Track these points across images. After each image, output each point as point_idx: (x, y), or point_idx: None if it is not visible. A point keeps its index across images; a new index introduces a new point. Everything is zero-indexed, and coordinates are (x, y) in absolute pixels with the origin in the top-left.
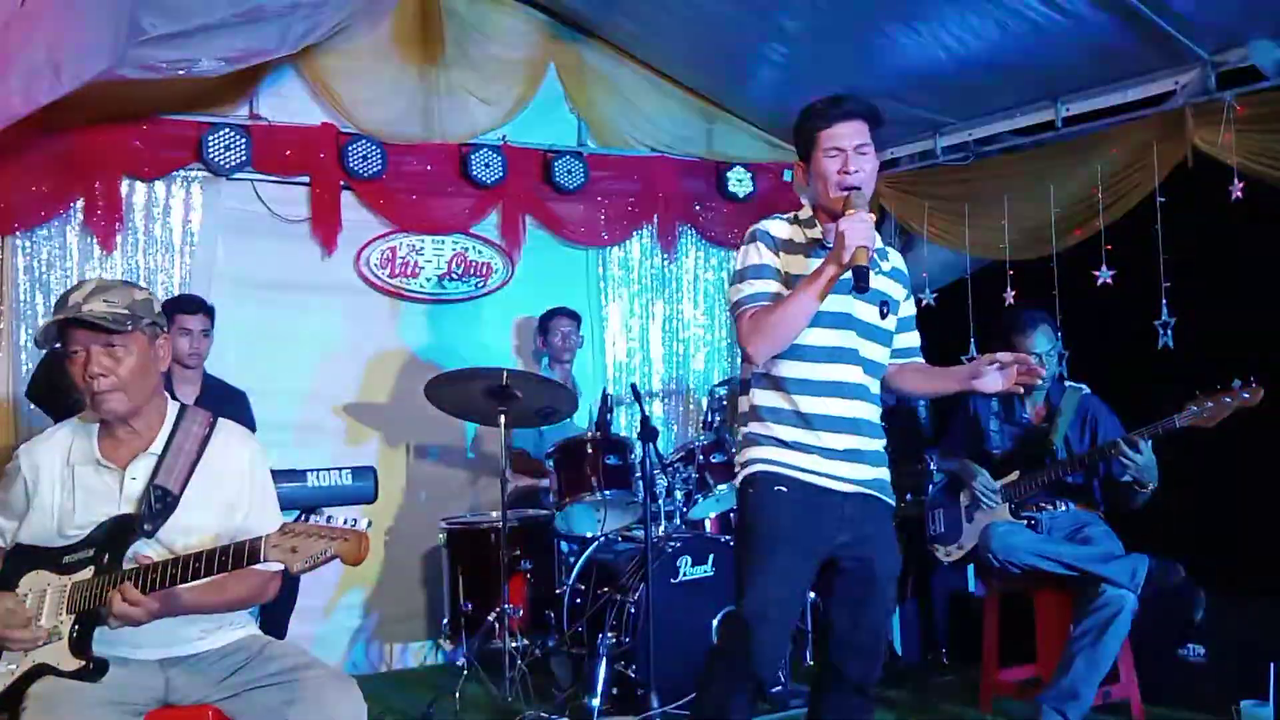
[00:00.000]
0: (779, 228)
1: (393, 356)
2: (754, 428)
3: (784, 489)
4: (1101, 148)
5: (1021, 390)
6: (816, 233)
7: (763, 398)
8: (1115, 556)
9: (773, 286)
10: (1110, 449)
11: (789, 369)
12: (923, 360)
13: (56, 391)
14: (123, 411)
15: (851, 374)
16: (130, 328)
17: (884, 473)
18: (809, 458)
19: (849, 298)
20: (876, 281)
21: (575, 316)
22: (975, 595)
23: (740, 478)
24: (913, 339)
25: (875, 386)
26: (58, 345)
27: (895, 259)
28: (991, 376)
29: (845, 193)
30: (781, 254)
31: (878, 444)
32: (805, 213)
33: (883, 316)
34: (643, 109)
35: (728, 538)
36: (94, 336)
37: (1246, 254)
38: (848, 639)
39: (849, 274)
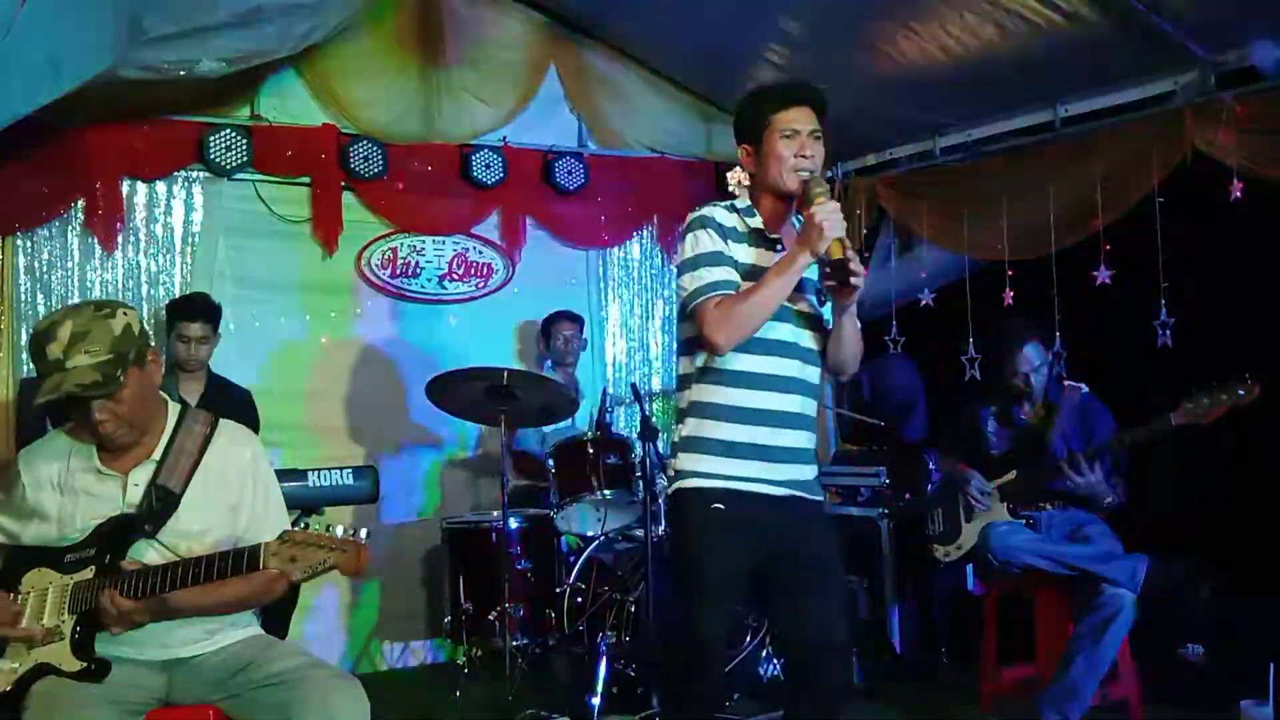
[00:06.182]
0: (724, 215)
1: (393, 356)
2: (693, 429)
3: (720, 506)
4: (1101, 148)
5: None
6: (757, 222)
7: (705, 393)
8: (1115, 556)
9: (733, 275)
10: (1061, 464)
11: (732, 362)
12: None
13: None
14: (131, 440)
15: (790, 368)
16: (122, 377)
17: (814, 470)
18: (747, 464)
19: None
20: (809, 270)
21: (578, 320)
22: (975, 595)
23: (674, 488)
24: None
25: (815, 376)
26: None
27: None
28: None
29: (802, 175)
30: (729, 243)
31: (812, 441)
32: (743, 201)
33: (821, 304)
34: (642, 109)
35: None
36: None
37: (1246, 254)
38: (800, 636)
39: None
